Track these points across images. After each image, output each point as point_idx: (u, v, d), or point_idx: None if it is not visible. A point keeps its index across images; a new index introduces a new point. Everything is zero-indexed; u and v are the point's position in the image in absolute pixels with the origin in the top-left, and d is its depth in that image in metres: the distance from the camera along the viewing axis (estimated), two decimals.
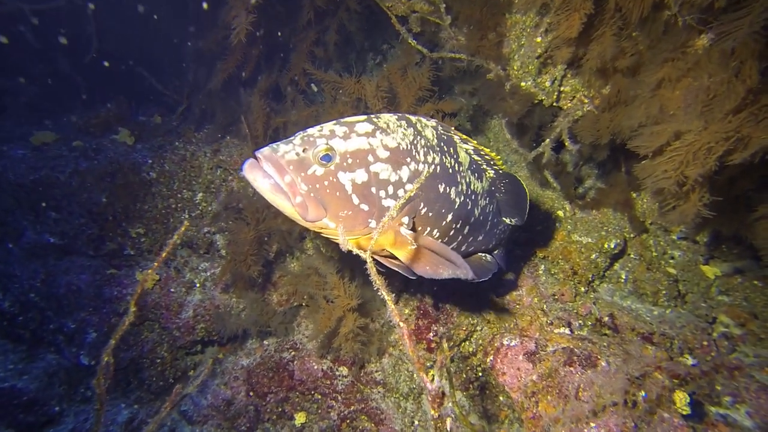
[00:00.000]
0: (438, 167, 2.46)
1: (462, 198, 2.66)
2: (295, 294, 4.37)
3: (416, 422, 3.99)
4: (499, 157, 2.92)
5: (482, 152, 2.83)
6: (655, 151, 2.32)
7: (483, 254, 3.32)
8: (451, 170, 2.56)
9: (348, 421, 3.96)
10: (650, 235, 4.56)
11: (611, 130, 3.13)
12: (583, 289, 4.41)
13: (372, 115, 2.32)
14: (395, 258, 2.42)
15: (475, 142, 2.76)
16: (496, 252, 3.43)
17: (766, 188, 2.82)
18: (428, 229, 2.55)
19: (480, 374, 3.98)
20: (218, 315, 4.21)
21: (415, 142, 2.35)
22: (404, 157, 2.27)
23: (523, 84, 3.76)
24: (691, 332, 4.00)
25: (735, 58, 2.00)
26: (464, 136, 2.71)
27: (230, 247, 4.20)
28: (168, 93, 5.83)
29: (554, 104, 3.76)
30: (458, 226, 2.71)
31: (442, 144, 2.53)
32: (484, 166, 2.94)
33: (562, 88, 3.55)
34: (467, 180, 2.71)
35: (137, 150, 4.99)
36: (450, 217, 2.60)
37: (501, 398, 3.80)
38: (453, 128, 2.66)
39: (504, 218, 3.19)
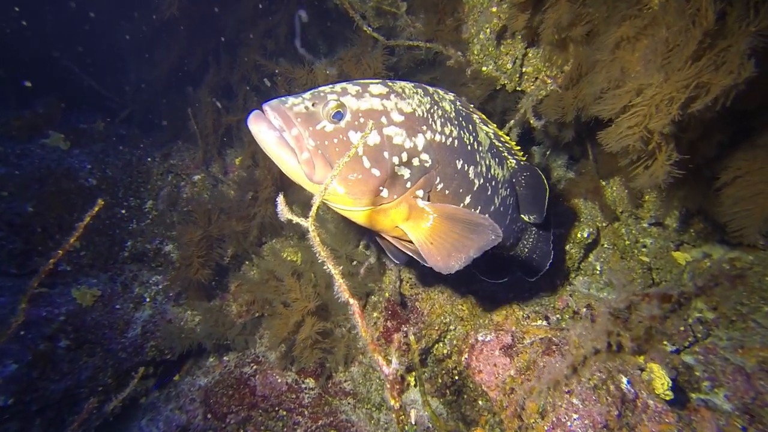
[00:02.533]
0: (456, 141, 2.26)
1: (481, 180, 2.45)
2: (255, 303, 4.03)
3: None
4: (519, 147, 2.72)
5: (503, 139, 2.64)
6: (618, 113, 2.21)
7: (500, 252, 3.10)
8: (470, 147, 2.36)
9: None
10: (622, 224, 4.48)
11: (575, 106, 3.02)
12: (558, 281, 4.28)
13: (387, 80, 2.17)
14: (407, 239, 2.20)
15: (495, 126, 2.57)
16: (512, 253, 3.20)
17: (726, 156, 2.75)
18: None
19: (456, 378, 3.73)
20: (168, 330, 3.81)
21: (432, 111, 2.19)
22: (420, 124, 2.11)
23: (484, 68, 3.64)
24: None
25: (691, 6, 1.93)
26: (484, 117, 2.51)
27: (179, 251, 3.83)
28: (109, 95, 5.37)
29: (517, 89, 3.65)
30: (477, 212, 2.47)
31: (460, 119, 2.35)
32: (506, 154, 2.73)
33: (524, 69, 3.44)
34: (487, 162, 2.50)
35: (73, 155, 4.52)
36: (468, 199, 2.38)
37: (480, 402, 3.55)
38: (472, 106, 2.48)
39: (522, 215, 2.98)
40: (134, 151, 4.66)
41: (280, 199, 1.66)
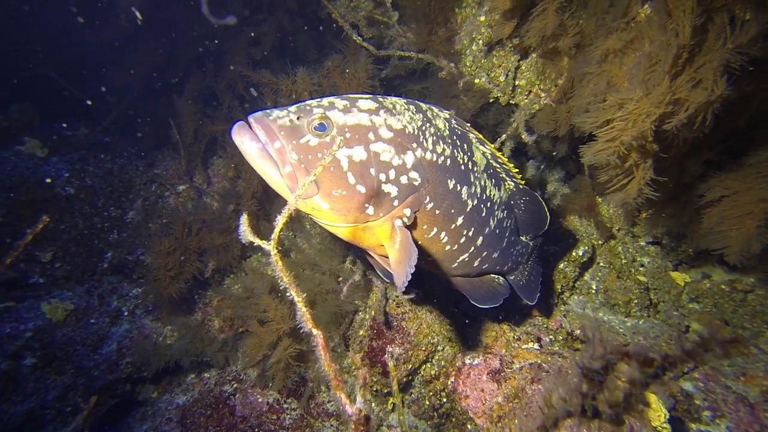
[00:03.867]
0: (448, 160, 2.20)
1: (475, 201, 2.38)
2: (237, 318, 3.87)
3: None
4: (517, 169, 2.65)
5: (500, 160, 2.57)
6: (600, 127, 2.13)
7: (495, 276, 3.02)
8: (463, 167, 2.29)
9: None
10: (618, 242, 4.34)
11: (568, 120, 2.91)
12: (552, 301, 4.13)
13: (378, 95, 2.12)
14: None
15: (493, 146, 2.50)
16: (512, 278, 3.11)
17: (713, 175, 2.66)
18: (435, 230, 2.26)
19: (444, 400, 3.56)
20: (141, 346, 3.63)
21: (424, 128, 2.14)
22: (410, 141, 2.06)
23: (477, 81, 3.53)
24: (666, 342, 3.78)
25: (673, 20, 1.86)
26: (481, 136, 2.44)
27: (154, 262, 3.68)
28: (92, 102, 5.22)
29: (510, 102, 3.54)
30: (470, 234, 2.41)
31: (454, 137, 2.28)
32: (503, 176, 2.67)
33: (517, 82, 3.32)
34: (482, 183, 2.44)
35: (51, 163, 4.36)
36: (461, 220, 2.32)
37: (469, 426, 3.39)
38: (469, 125, 2.41)
39: (521, 237, 2.94)
40: (116, 160, 4.52)
41: (243, 219, 1.53)
